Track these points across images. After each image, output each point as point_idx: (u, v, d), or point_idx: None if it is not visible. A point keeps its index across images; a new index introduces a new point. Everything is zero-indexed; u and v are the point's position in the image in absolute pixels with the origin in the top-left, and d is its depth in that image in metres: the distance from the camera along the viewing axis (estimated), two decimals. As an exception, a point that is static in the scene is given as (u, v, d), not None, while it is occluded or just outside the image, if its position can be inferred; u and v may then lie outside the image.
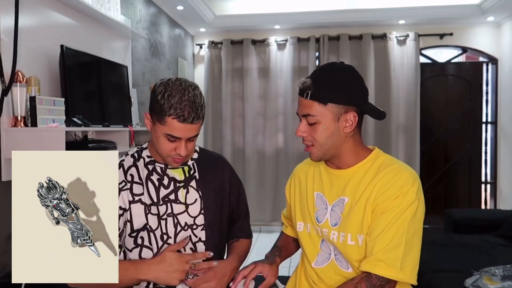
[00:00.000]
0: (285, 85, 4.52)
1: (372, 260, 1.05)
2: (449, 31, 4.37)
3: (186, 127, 1.11)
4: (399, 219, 1.05)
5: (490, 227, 3.04)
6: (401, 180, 1.09)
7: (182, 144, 1.13)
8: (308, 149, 1.16)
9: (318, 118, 1.10)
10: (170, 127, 1.10)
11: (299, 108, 1.14)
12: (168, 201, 1.21)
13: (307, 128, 1.13)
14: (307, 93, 1.10)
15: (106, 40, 2.58)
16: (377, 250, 1.05)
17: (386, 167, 1.13)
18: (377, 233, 1.06)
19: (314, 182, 1.24)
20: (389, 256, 1.04)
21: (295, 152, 4.49)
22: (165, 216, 1.20)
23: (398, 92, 4.38)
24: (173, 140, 1.13)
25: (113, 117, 2.36)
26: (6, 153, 1.74)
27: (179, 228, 1.21)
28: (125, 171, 1.23)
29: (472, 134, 4.54)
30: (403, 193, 1.07)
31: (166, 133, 1.12)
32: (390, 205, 1.07)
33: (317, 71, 1.15)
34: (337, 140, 1.12)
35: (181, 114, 1.09)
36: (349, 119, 1.11)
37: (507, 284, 1.97)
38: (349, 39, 4.42)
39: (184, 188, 1.23)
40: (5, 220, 1.79)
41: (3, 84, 1.72)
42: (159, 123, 1.12)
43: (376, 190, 1.09)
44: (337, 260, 1.17)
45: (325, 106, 1.09)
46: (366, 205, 1.10)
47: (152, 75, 3.55)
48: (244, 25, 4.45)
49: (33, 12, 1.93)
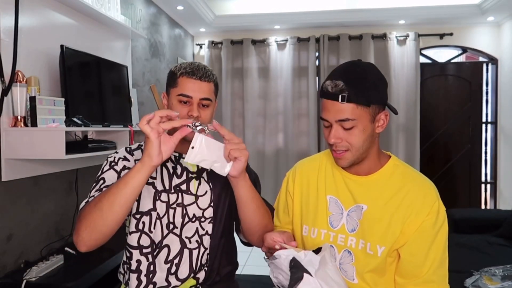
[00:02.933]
0: (285, 85, 4.52)
1: (423, 282, 1.05)
2: (449, 31, 4.37)
3: (196, 84, 1.15)
4: (438, 235, 1.06)
5: (490, 227, 3.04)
6: (430, 196, 1.08)
7: (194, 105, 1.15)
8: (340, 154, 1.08)
9: (357, 121, 1.02)
10: (181, 85, 1.15)
11: (330, 113, 1.04)
12: (180, 191, 1.19)
13: (343, 134, 1.05)
14: (343, 96, 1.00)
15: (106, 40, 2.58)
16: (425, 270, 1.05)
17: (410, 180, 1.11)
18: (420, 252, 1.05)
19: (326, 184, 1.19)
20: (438, 275, 1.05)
21: (295, 152, 4.49)
22: (174, 205, 1.18)
23: (398, 92, 4.39)
24: (185, 101, 1.14)
25: (113, 117, 2.36)
26: (6, 153, 1.74)
27: (187, 219, 1.19)
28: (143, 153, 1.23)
29: (472, 134, 4.54)
30: (435, 210, 1.06)
31: (178, 94, 1.15)
32: (425, 222, 1.05)
33: (344, 72, 1.05)
34: (371, 142, 1.08)
35: (190, 71, 1.15)
36: (382, 118, 1.08)
37: (507, 284, 1.98)
38: (349, 39, 4.42)
39: (196, 179, 1.22)
40: (5, 220, 1.79)
41: (3, 84, 1.72)
42: (172, 88, 1.17)
43: (405, 205, 1.07)
44: (341, 269, 1.12)
45: (365, 108, 1.02)
46: (392, 218, 1.07)
47: (152, 75, 3.55)
48: (244, 25, 4.45)
49: (33, 12, 1.94)
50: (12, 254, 1.82)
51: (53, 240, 2.06)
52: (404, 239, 1.06)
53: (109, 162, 1.20)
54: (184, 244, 1.18)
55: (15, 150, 1.74)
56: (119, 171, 1.17)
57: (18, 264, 1.85)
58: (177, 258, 1.18)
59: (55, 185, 2.10)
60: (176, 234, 1.18)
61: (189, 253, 1.19)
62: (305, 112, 4.54)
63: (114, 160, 1.20)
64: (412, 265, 1.06)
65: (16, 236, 1.84)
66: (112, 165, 1.19)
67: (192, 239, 1.19)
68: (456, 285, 2.08)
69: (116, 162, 1.19)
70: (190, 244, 1.19)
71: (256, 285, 2.06)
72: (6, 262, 1.79)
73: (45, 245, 1.99)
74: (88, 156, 1.93)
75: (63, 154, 1.71)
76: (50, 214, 2.07)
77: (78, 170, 2.25)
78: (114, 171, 1.17)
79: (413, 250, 1.06)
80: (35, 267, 1.75)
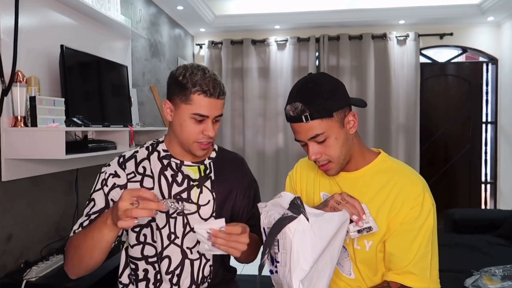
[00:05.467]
0: (285, 85, 4.52)
1: (403, 273, 1.04)
2: (449, 31, 4.37)
3: (212, 103, 1.09)
4: (422, 229, 1.05)
5: (490, 227, 3.04)
6: (416, 189, 1.07)
7: (209, 124, 1.11)
8: (325, 167, 1.11)
9: (327, 133, 1.05)
10: (196, 104, 1.08)
11: (300, 134, 1.07)
12: (180, 199, 1.15)
13: (319, 148, 1.08)
14: (306, 116, 1.03)
15: (106, 40, 2.58)
16: (406, 262, 1.04)
17: (397, 174, 1.11)
18: (402, 245, 1.05)
19: (320, 182, 1.22)
20: (419, 267, 1.04)
21: (295, 152, 4.49)
22: (174, 214, 1.15)
23: (398, 92, 4.39)
24: (200, 120, 1.10)
25: (113, 117, 2.36)
26: (6, 153, 1.74)
27: (188, 229, 1.15)
28: (137, 163, 1.19)
29: (472, 134, 4.54)
30: (419, 202, 1.06)
31: (193, 113, 1.09)
32: (409, 215, 1.06)
33: (297, 92, 1.08)
34: (348, 145, 1.10)
35: (207, 89, 1.07)
36: (351, 119, 1.09)
37: (507, 284, 1.98)
38: (349, 39, 4.42)
39: (197, 187, 1.18)
40: (5, 220, 1.79)
41: (3, 84, 1.72)
42: (184, 104, 1.09)
43: (391, 198, 1.08)
44: (339, 265, 1.15)
45: (330, 118, 1.04)
46: (378, 212, 1.08)
47: (152, 75, 3.55)
48: (244, 25, 4.45)
49: (33, 12, 1.93)
50: (12, 254, 1.82)
51: (53, 240, 2.06)
52: (389, 232, 1.08)
53: (101, 180, 1.17)
54: (185, 255, 1.16)
55: (15, 150, 1.74)
56: (106, 192, 1.15)
57: (18, 264, 1.85)
58: (178, 269, 1.16)
59: (55, 185, 2.10)
60: (177, 244, 1.16)
61: (191, 264, 1.17)
62: (305, 112, 4.53)
63: (105, 177, 1.17)
64: (395, 258, 1.06)
65: (16, 236, 1.84)
66: (102, 184, 1.16)
67: (193, 249, 1.17)
68: (456, 285, 2.08)
69: (106, 180, 1.16)
70: (191, 255, 1.17)
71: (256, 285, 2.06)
72: (6, 262, 1.79)
73: (45, 245, 1.99)
74: (88, 156, 1.93)
75: (63, 154, 1.71)
76: (50, 214, 2.07)
77: (78, 170, 2.25)
78: (103, 193, 1.15)
79: (396, 243, 1.06)
80: (35, 267, 1.75)
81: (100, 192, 1.16)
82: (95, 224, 1.02)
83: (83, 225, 1.13)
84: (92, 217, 1.13)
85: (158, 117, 3.59)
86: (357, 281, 1.13)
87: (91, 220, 1.12)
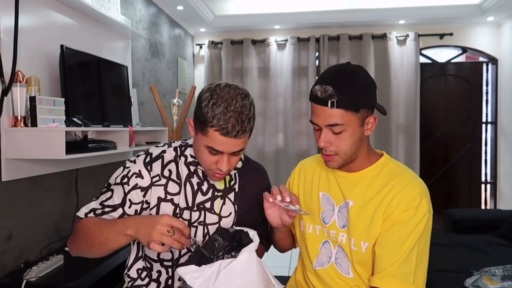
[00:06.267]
0: (285, 85, 4.52)
1: (385, 276, 1.02)
2: (449, 31, 4.37)
3: (229, 141, 1.01)
4: (412, 233, 1.03)
5: (490, 227, 3.04)
6: (413, 191, 1.06)
7: (224, 159, 1.04)
8: (329, 157, 1.10)
9: (345, 126, 1.03)
10: (211, 139, 1.01)
11: (320, 118, 1.05)
12: (203, 209, 1.13)
13: (332, 138, 1.06)
14: (332, 102, 1.01)
15: (106, 40, 2.58)
16: (389, 264, 1.02)
17: (397, 176, 1.10)
18: (389, 246, 1.04)
19: (320, 181, 1.21)
20: (402, 271, 1.01)
21: (295, 152, 4.49)
22: (196, 223, 1.13)
23: (398, 92, 4.39)
24: (214, 153, 1.04)
25: (113, 117, 2.36)
26: (6, 153, 1.74)
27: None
28: (164, 165, 1.13)
29: (472, 134, 4.54)
30: (414, 206, 1.04)
31: (208, 145, 1.03)
32: (401, 217, 1.04)
33: (332, 76, 1.05)
34: (358, 145, 1.09)
35: (225, 127, 0.98)
36: (371, 121, 1.08)
37: (507, 284, 1.97)
38: (349, 39, 4.42)
39: (221, 198, 1.16)
40: (5, 220, 1.79)
41: (3, 84, 1.72)
42: (200, 133, 1.03)
43: (387, 200, 1.07)
44: (337, 264, 1.15)
45: (354, 113, 1.03)
46: (375, 213, 1.07)
47: (152, 75, 3.55)
48: (244, 25, 4.45)
49: (33, 12, 1.93)
50: (12, 254, 1.82)
51: (53, 240, 2.06)
52: (383, 233, 1.07)
53: (122, 175, 1.12)
54: None
55: (15, 150, 1.74)
56: (126, 192, 1.10)
57: (18, 264, 1.85)
58: None
59: (55, 185, 2.10)
60: None
61: None
62: (305, 112, 4.53)
63: (128, 173, 1.11)
64: (380, 258, 1.05)
65: (16, 236, 1.84)
66: (124, 180, 1.11)
67: None
68: (456, 285, 2.08)
69: (129, 178, 1.10)
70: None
71: None
72: (6, 262, 1.79)
73: (45, 245, 1.99)
74: (88, 156, 1.93)
75: (63, 154, 1.71)
76: (50, 214, 2.07)
77: (78, 170, 2.25)
78: (122, 190, 1.10)
79: (384, 243, 1.05)
80: (35, 267, 1.75)
81: (119, 188, 1.10)
82: (113, 226, 1.03)
83: (96, 213, 1.10)
84: (106, 209, 1.10)
85: (158, 117, 3.59)
86: (355, 280, 1.13)
87: (104, 212, 1.10)
